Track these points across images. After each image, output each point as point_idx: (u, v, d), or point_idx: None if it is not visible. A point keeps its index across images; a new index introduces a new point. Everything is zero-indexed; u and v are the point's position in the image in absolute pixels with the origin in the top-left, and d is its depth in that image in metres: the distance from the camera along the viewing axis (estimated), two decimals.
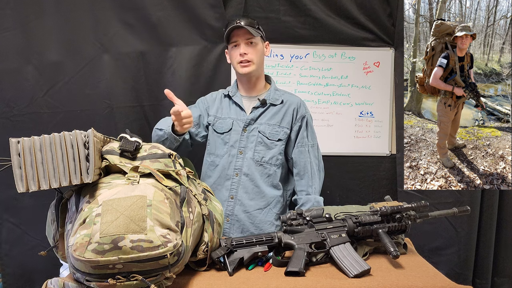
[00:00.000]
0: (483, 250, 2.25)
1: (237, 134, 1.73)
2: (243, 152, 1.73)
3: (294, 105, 1.76)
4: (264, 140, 1.72)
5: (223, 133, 1.75)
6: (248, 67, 1.67)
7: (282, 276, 1.18)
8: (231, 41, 1.68)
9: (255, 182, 1.72)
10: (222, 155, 1.74)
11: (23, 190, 1.04)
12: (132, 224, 0.96)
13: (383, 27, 2.19)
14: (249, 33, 1.65)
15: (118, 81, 2.06)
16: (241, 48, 1.66)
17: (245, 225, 1.72)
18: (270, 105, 1.75)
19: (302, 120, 1.76)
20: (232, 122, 1.75)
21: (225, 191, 1.73)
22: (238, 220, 1.72)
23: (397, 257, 1.23)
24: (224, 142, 1.74)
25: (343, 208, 1.47)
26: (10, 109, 2.03)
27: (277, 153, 1.74)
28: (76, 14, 2.02)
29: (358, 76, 2.23)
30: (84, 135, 1.08)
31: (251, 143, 1.73)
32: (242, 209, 1.72)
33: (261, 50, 1.72)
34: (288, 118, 1.75)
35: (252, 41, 1.67)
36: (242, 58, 1.66)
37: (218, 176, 1.74)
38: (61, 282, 1.03)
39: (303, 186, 1.75)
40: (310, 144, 1.77)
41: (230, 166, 1.73)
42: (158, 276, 0.99)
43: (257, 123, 1.74)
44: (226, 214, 1.71)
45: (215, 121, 1.77)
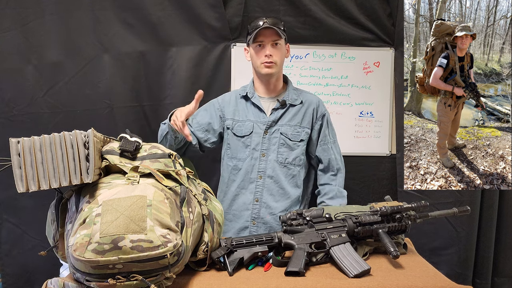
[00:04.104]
0: (483, 250, 2.25)
1: (259, 136, 1.72)
2: (265, 155, 1.72)
3: (313, 105, 1.77)
4: (287, 141, 1.72)
5: (244, 136, 1.73)
6: (271, 68, 1.66)
7: (282, 276, 1.18)
8: (257, 41, 1.65)
9: (280, 183, 1.72)
10: (245, 158, 1.73)
11: (23, 190, 1.04)
12: (132, 224, 0.96)
13: (383, 27, 2.19)
14: (276, 34, 1.63)
15: (118, 81, 2.06)
16: (266, 49, 1.64)
17: (272, 227, 1.72)
18: (289, 106, 1.74)
19: (322, 119, 1.78)
20: (252, 124, 1.73)
21: (249, 194, 1.73)
22: (264, 223, 1.72)
23: (397, 257, 1.23)
24: (246, 145, 1.73)
25: (343, 208, 1.47)
26: (10, 109, 2.03)
27: (300, 154, 1.75)
28: (76, 14, 2.02)
29: (358, 76, 2.23)
30: (84, 135, 1.08)
31: (274, 145, 1.72)
32: (268, 212, 1.72)
33: (284, 51, 1.71)
34: (308, 118, 1.75)
35: (278, 42, 1.66)
36: (267, 59, 1.64)
37: (242, 179, 1.73)
38: (61, 282, 1.03)
39: (326, 179, 1.78)
40: (332, 141, 1.79)
41: (254, 169, 1.72)
42: (158, 276, 0.99)
43: (278, 125, 1.73)
44: (252, 217, 1.72)
45: (234, 125, 1.74)
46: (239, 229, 1.73)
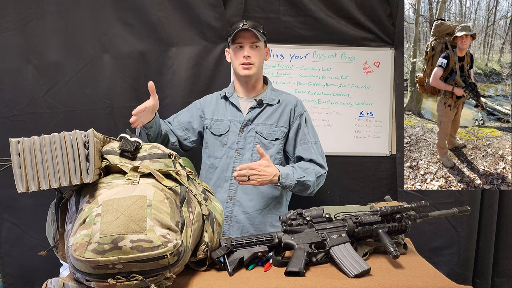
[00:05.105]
0: (483, 250, 2.25)
1: (235, 135, 1.73)
2: (241, 153, 1.73)
3: (291, 105, 1.77)
4: (262, 140, 1.72)
5: (221, 135, 1.75)
6: (249, 70, 1.68)
7: (282, 276, 1.18)
8: (236, 42, 1.68)
9: None
10: (221, 157, 1.74)
11: (23, 190, 1.04)
12: (132, 224, 0.96)
13: (383, 27, 2.19)
14: (255, 36, 1.66)
15: (118, 81, 2.07)
16: (245, 50, 1.67)
17: (245, 226, 1.72)
18: (266, 106, 1.75)
19: (300, 118, 1.76)
20: (229, 123, 1.75)
21: (223, 193, 1.73)
22: (237, 222, 1.72)
23: (397, 257, 1.23)
24: (222, 144, 1.75)
25: (343, 208, 1.47)
26: (10, 109, 2.03)
27: (275, 153, 1.74)
28: (76, 14, 2.02)
29: (358, 76, 2.23)
30: (84, 135, 1.08)
31: (249, 144, 1.73)
32: (241, 210, 1.72)
33: (263, 54, 1.74)
34: (285, 117, 1.75)
35: (257, 44, 1.68)
36: (245, 60, 1.67)
37: (217, 178, 1.75)
38: (61, 282, 1.03)
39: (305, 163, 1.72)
40: (313, 141, 1.76)
41: (229, 168, 1.73)
42: (158, 276, 0.99)
43: (254, 124, 1.74)
44: (225, 215, 1.70)
45: (212, 124, 1.77)
46: None
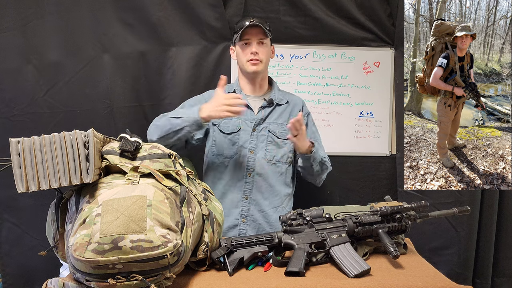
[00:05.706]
0: (483, 250, 2.25)
1: (247, 134, 1.73)
2: (254, 152, 1.72)
3: (298, 106, 1.81)
4: (274, 139, 1.73)
5: (231, 133, 1.73)
6: (257, 66, 1.69)
7: (282, 276, 1.18)
8: (243, 39, 1.68)
9: (269, 181, 1.72)
10: (232, 155, 1.73)
11: (23, 190, 1.04)
12: (132, 224, 0.96)
13: (383, 27, 2.19)
14: (262, 33, 1.67)
15: (118, 81, 2.07)
16: (253, 46, 1.67)
17: (261, 224, 1.72)
18: (276, 105, 1.77)
19: (308, 118, 1.82)
20: (240, 122, 1.74)
21: (238, 192, 1.72)
22: (254, 220, 1.72)
23: (397, 257, 1.24)
24: (233, 143, 1.73)
25: (343, 208, 1.47)
26: (10, 109, 2.03)
27: (288, 151, 1.76)
28: (76, 14, 2.02)
29: (358, 76, 2.23)
30: (84, 135, 1.08)
31: (262, 143, 1.73)
32: (257, 209, 1.72)
33: (269, 51, 1.75)
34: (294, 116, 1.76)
35: (264, 41, 1.69)
36: (253, 57, 1.67)
37: (230, 177, 1.73)
38: (61, 282, 1.03)
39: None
40: (320, 140, 1.82)
41: (242, 167, 1.72)
42: (158, 276, 0.99)
43: (266, 123, 1.75)
44: (241, 215, 1.71)
45: (221, 121, 1.75)
46: (228, 227, 1.72)
